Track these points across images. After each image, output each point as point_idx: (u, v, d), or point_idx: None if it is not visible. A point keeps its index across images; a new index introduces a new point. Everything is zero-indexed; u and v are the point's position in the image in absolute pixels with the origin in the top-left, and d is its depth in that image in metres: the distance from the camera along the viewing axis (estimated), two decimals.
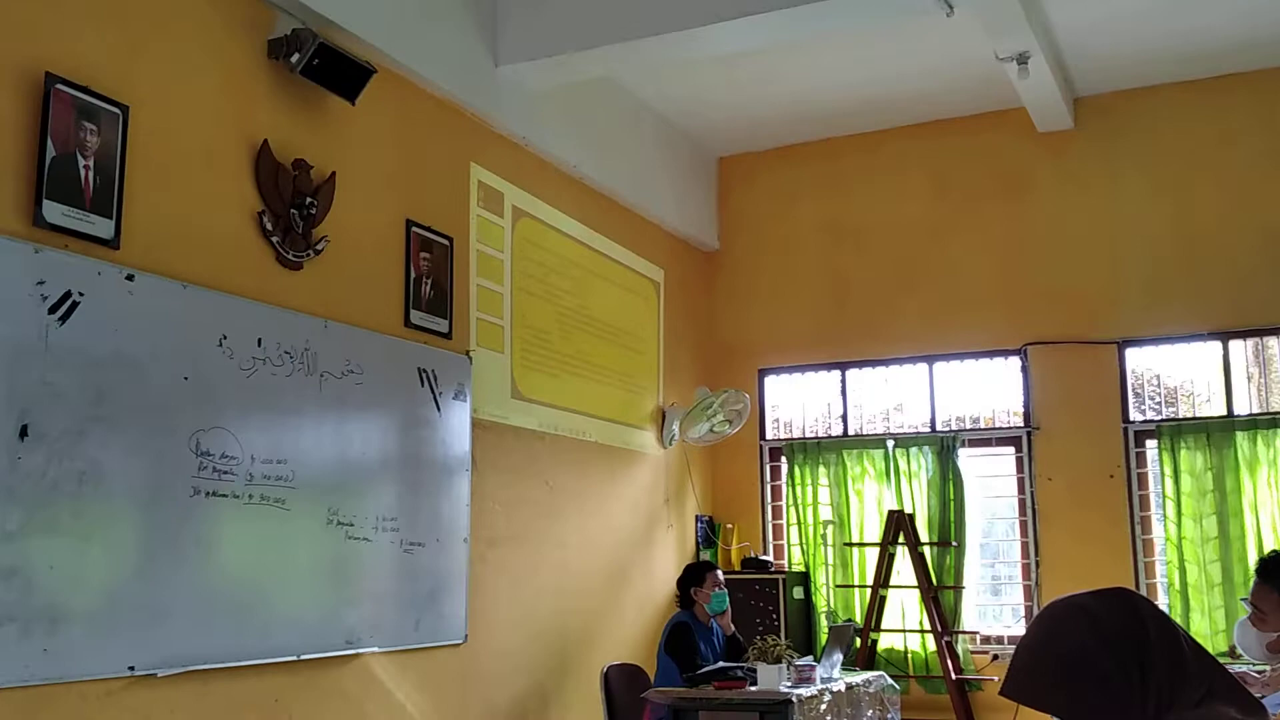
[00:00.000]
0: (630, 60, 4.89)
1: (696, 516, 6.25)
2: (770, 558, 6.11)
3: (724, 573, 4.89)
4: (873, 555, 5.77)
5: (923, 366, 6.12)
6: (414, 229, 4.14)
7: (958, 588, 5.67)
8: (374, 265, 3.95)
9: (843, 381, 6.30)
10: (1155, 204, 5.67)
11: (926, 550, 5.66)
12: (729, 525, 6.31)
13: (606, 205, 5.62)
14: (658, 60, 4.95)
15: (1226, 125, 5.56)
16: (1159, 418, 5.67)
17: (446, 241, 4.34)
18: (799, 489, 6.17)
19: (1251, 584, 3.02)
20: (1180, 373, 5.77)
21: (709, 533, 6.27)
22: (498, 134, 4.74)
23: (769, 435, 6.44)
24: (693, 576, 4.65)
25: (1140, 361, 5.78)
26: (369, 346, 3.77)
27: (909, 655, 5.74)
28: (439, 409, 4.13)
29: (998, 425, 5.99)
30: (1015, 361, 5.92)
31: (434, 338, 4.19)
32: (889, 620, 5.74)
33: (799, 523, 6.13)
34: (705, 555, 6.02)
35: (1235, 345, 5.57)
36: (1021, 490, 5.81)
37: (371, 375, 3.74)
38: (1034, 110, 5.65)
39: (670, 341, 6.12)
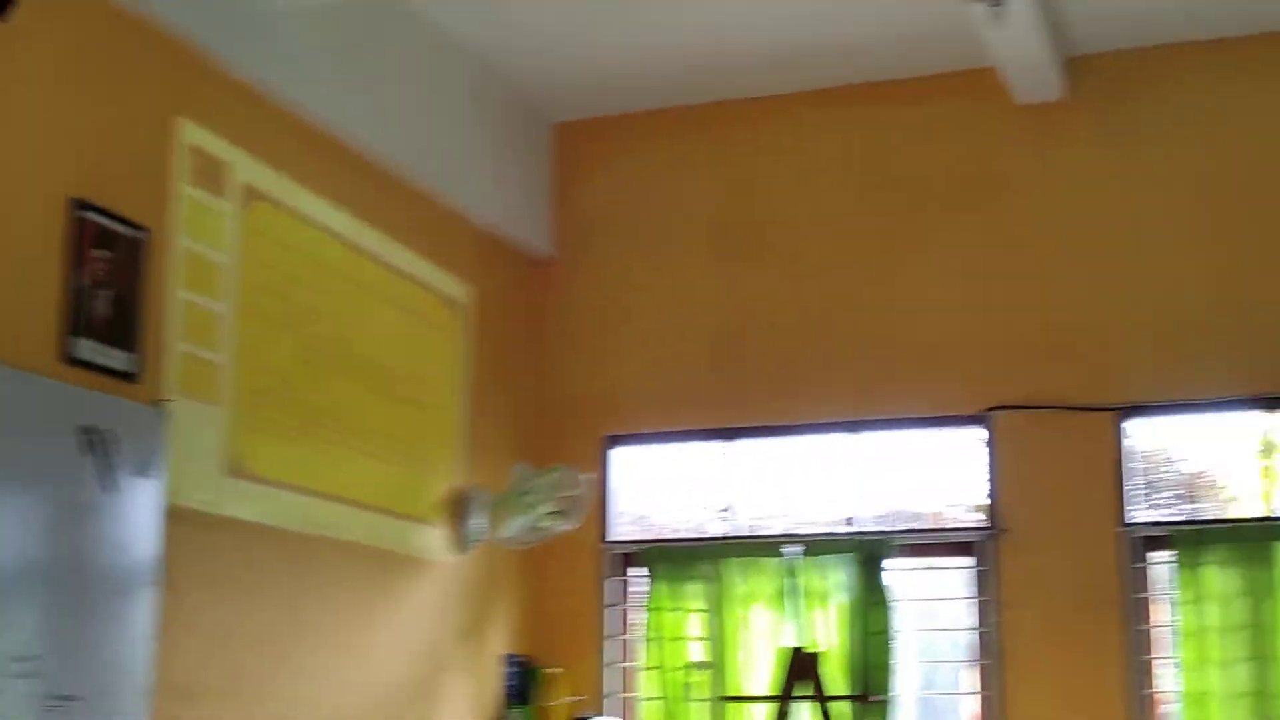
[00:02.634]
0: None
1: (506, 658, 6.70)
2: (615, 719, 6.68)
3: None
4: (764, 714, 6.31)
5: (844, 438, 6.88)
6: (86, 215, 4.28)
7: None
8: (16, 265, 4.05)
9: (728, 458, 6.96)
10: (1181, 210, 6.58)
11: (839, 707, 6.25)
12: (553, 671, 6.81)
13: (387, 186, 5.95)
14: None
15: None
16: (1172, 519, 6.52)
17: (139, 234, 4.49)
18: (661, 616, 6.72)
19: None
20: (1207, 456, 6.71)
21: (523, 683, 6.73)
22: (221, 74, 4.95)
23: (614, 535, 7.06)
24: None
25: (1150, 437, 6.65)
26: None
27: None
28: (112, 490, 4.20)
29: (947, 526, 6.79)
30: (976, 433, 6.71)
31: (109, 380, 4.32)
32: None
33: (659, 667, 6.67)
34: (515, 717, 6.49)
35: None
36: (981, 620, 6.53)
37: (2, 437, 3.79)
38: (1011, 73, 6.49)
39: (479, 395, 6.62)
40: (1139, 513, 6.48)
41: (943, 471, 6.80)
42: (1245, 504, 6.52)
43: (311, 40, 5.34)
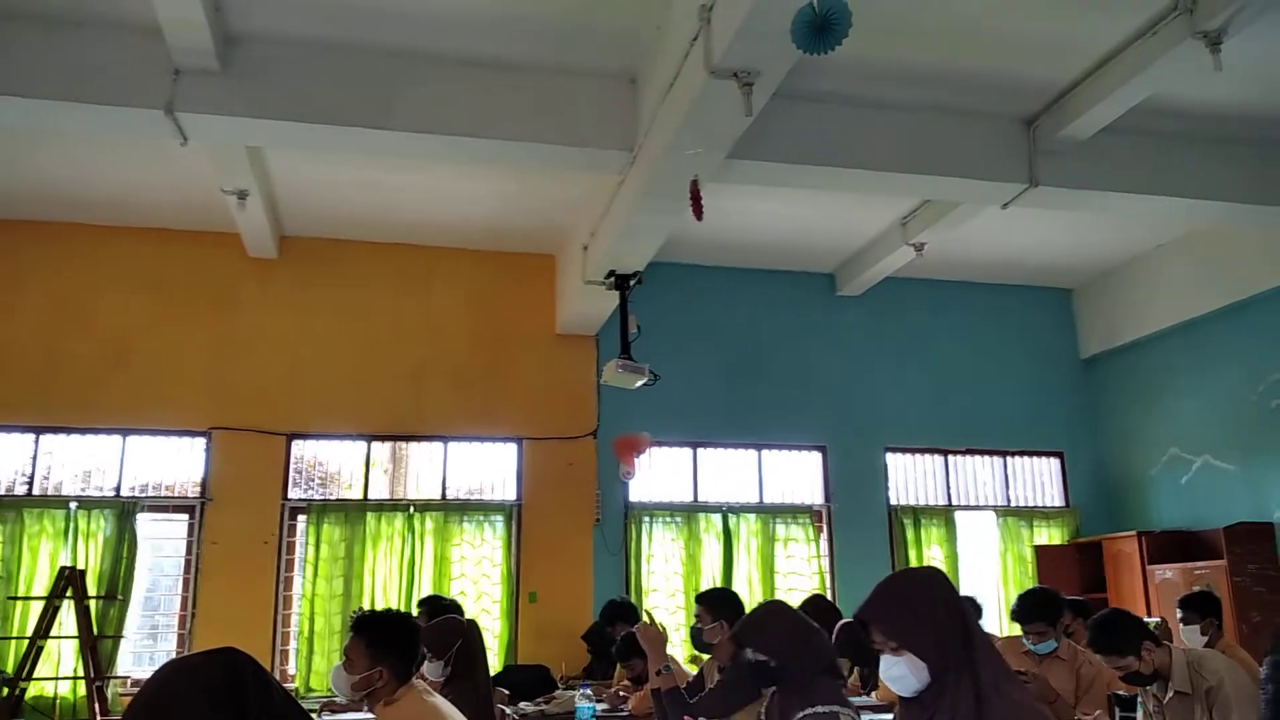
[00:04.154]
0: None
1: None
2: None
3: None
4: (41, 609, 6.85)
5: (118, 438, 7.61)
6: None
7: (117, 637, 7.16)
8: None
9: (35, 445, 7.45)
10: (332, 330, 8.09)
11: (93, 603, 6.97)
12: None
13: None
14: None
15: (391, 281, 8.25)
16: (311, 497, 7.95)
17: None
18: None
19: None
20: (335, 462, 8.15)
21: None
22: None
23: None
24: None
25: (305, 451, 8.03)
26: None
27: (58, 701, 7.02)
28: None
29: (178, 495, 7.67)
30: (201, 441, 7.74)
31: None
32: (45, 670, 6.93)
33: None
34: None
35: (377, 445, 8.03)
36: (190, 551, 7.59)
37: None
38: (247, 238, 7.70)
39: None
40: (294, 492, 7.88)
41: (180, 462, 7.63)
42: (353, 490, 8.08)
43: None
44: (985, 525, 9.04)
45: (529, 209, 7.60)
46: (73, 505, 7.21)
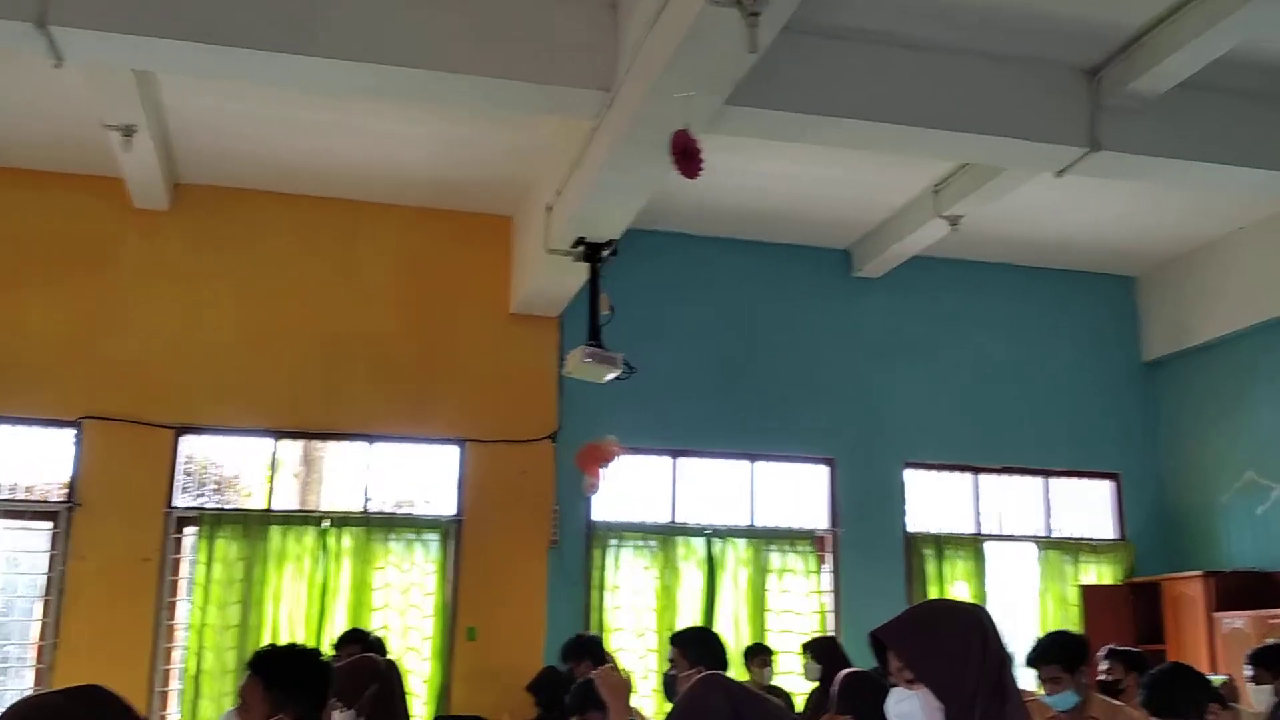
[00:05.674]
0: None
1: None
2: None
3: None
4: None
5: None
6: None
7: None
8: None
9: None
10: (233, 300, 8.02)
11: None
12: None
13: None
14: None
15: (308, 242, 8.20)
16: (203, 505, 7.92)
17: None
18: None
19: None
20: (233, 464, 7.93)
21: None
22: None
23: None
24: None
25: (195, 449, 7.93)
26: None
27: None
28: None
29: (38, 498, 7.59)
30: (69, 433, 7.63)
31: None
32: None
33: None
34: None
35: (285, 444, 7.94)
36: (52, 568, 7.48)
37: None
38: (133, 184, 7.60)
39: None
40: (182, 499, 7.81)
41: (43, 461, 7.54)
42: (255, 499, 8.06)
43: None
44: (1022, 559, 9.08)
45: (480, 159, 7.53)
46: None
